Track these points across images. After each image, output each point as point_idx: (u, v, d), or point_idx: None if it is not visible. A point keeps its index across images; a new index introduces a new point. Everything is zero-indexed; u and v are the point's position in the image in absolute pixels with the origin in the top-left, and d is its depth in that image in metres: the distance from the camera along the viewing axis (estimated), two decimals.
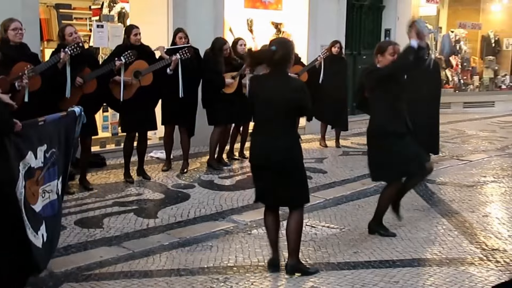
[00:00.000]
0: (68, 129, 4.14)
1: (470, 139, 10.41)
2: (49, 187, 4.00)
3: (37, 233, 3.84)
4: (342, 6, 11.03)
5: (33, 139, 3.80)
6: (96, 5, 9.89)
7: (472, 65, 14.88)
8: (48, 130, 3.94)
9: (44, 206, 3.94)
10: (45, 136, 3.91)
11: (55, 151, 3.99)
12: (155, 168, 7.41)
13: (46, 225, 3.96)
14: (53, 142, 3.98)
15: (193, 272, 4.30)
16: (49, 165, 3.96)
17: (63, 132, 4.11)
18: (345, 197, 6.42)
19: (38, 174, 3.87)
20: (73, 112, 4.16)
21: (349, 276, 4.30)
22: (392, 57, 4.95)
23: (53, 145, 3.97)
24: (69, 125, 4.16)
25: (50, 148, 3.94)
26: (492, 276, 4.35)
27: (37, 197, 3.88)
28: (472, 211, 6.00)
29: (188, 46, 6.84)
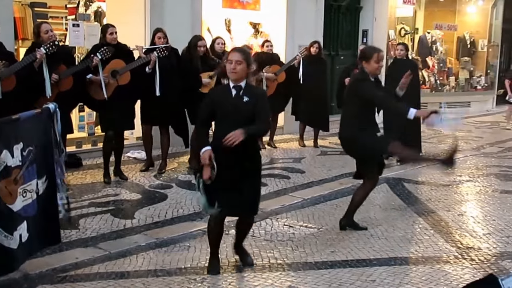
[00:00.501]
0: (45, 126, 4.09)
1: (446, 139, 10.52)
2: (30, 187, 3.94)
3: (12, 234, 3.78)
4: (320, 6, 11.07)
5: (8, 137, 3.74)
6: (72, 4, 9.78)
7: (448, 66, 15.07)
8: (23, 128, 3.88)
9: (26, 206, 3.89)
10: (21, 134, 3.85)
11: (32, 149, 3.93)
12: (132, 168, 7.35)
13: (28, 225, 3.91)
14: (29, 140, 3.92)
15: (170, 273, 4.28)
16: (28, 164, 3.90)
17: (41, 129, 4.05)
18: (323, 197, 6.44)
19: (16, 173, 3.81)
20: (48, 109, 4.10)
21: (327, 275, 4.32)
22: (377, 64, 5.00)
23: (29, 143, 3.91)
24: (45, 122, 4.10)
25: (27, 146, 3.88)
26: (467, 274, 4.40)
27: (15, 197, 3.82)
28: (448, 210, 6.07)
29: (166, 47, 6.81)
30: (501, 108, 15.50)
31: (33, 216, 4.03)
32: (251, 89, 4.18)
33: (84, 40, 8.03)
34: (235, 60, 4.06)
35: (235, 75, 4.09)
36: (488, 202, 6.49)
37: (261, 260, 4.55)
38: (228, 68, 4.11)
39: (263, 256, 4.62)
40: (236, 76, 4.09)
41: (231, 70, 4.08)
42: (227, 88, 4.16)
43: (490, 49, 15.54)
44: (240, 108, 4.07)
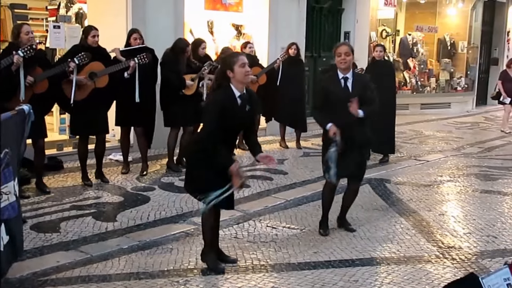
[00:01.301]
0: (18, 128, 4.05)
1: (427, 140, 10.63)
2: (6, 189, 3.90)
3: None
4: (302, 8, 11.10)
5: None
6: (53, 6, 9.69)
7: (429, 67, 15.20)
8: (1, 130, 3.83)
9: (3, 208, 3.84)
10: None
11: (8, 151, 3.89)
12: (114, 170, 7.30)
13: (7, 227, 3.88)
14: (5, 142, 3.87)
15: (153, 275, 4.26)
16: (4, 166, 3.86)
17: (15, 131, 4.02)
18: (306, 198, 6.46)
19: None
20: (22, 110, 4.07)
21: (310, 276, 4.33)
22: (338, 57, 5.00)
23: (6, 145, 3.87)
24: (19, 124, 4.07)
25: (3, 148, 3.84)
26: (448, 273, 4.45)
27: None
28: (429, 210, 6.13)
29: (143, 47, 6.77)
30: (481, 109, 15.72)
31: (15, 217, 3.99)
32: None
33: (65, 42, 7.96)
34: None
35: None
36: (468, 202, 6.56)
37: (244, 261, 4.55)
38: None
39: (246, 257, 4.61)
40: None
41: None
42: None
43: (470, 50, 15.72)
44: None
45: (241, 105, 4.12)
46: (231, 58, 4.15)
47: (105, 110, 6.66)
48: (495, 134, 11.69)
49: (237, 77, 4.05)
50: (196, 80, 7.28)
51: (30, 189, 6.26)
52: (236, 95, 4.09)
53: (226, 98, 4.06)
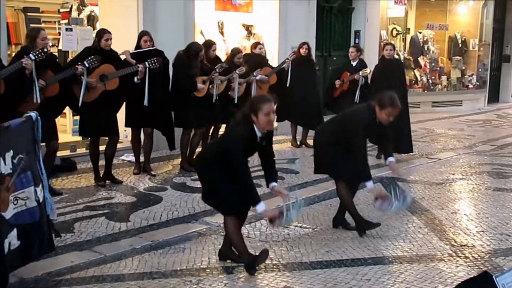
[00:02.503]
0: (29, 134, 4.08)
1: (439, 138, 10.59)
2: (23, 194, 3.93)
3: (3, 241, 3.77)
4: (312, 8, 11.10)
5: (0, 144, 3.74)
6: (65, 8, 9.78)
7: (440, 65, 15.12)
8: (12, 136, 3.89)
9: (17, 214, 3.88)
10: (10, 142, 3.85)
11: (23, 157, 3.93)
12: (127, 171, 7.35)
13: (19, 233, 3.90)
14: (18, 147, 3.92)
15: (166, 275, 4.29)
16: (19, 171, 3.90)
17: (28, 137, 4.05)
18: (317, 197, 6.47)
19: (8, 181, 3.82)
20: (30, 117, 4.10)
21: (322, 275, 4.34)
22: (386, 117, 5.06)
23: (19, 151, 3.91)
24: (29, 130, 4.10)
25: (17, 154, 3.88)
26: (462, 272, 4.44)
27: (7, 204, 3.82)
28: (441, 208, 6.11)
29: (153, 50, 6.81)
30: (493, 107, 15.60)
31: (31, 224, 4.01)
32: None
33: (77, 44, 8.03)
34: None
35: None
36: (481, 200, 6.54)
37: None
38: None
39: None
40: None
41: None
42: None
43: (481, 48, 15.62)
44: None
45: (260, 142, 4.34)
46: (258, 103, 4.22)
47: (115, 112, 6.69)
48: (507, 131, 11.61)
49: (260, 124, 4.22)
50: (208, 82, 7.32)
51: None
52: (258, 136, 4.28)
53: (248, 138, 4.25)
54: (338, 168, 5.20)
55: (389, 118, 5.05)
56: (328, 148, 5.24)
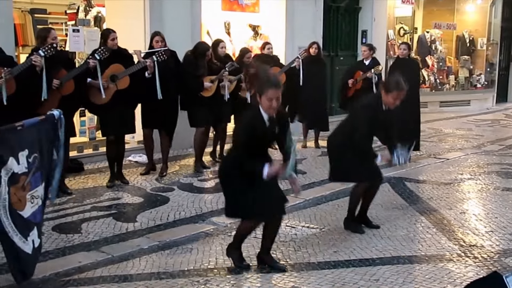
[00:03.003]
0: (49, 133, 4.10)
1: (447, 138, 10.53)
2: (36, 193, 3.98)
3: (27, 239, 3.83)
4: (319, 8, 11.08)
5: (13, 144, 3.77)
6: (72, 10, 9.79)
7: (447, 64, 15.06)
8: (27, 135, 3.91)
9: (34, 212, 3.94)
10: (25, 141, 3.88)
11: (37, 156, 3.95)
12: (134, 172, 7.36)
13: (38, 230, 3.97)
14: (34, 146, 3.94)
15: (173, 275, 4.28)
16: (34, 170, 3.92)
17: (44, 136, 4.06)
18: (325, 197, 6.45)
19: (24, 180, 3.85)
20: (52, 116, 4.12)
21: (330, 275, 4.32)
22: (393, 100, 5.01)
23: (34, 150, 3.93)
24: (49, 129, 4.11)
25: (32, 153, 3.91)
26: (471, 272, 4.40)
27: (25, 203, 3.86)
28: (450, 208, 6.07)
29: (166, 50, 6.82)
30: (501, 106, 15.52)
31: (40, 221, 4.06)
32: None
33: (84, 45, 8.05)
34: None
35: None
36: (490, 200, 6.49)
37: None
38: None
39: None
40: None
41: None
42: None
43: (490, 47, 15.54)
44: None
45: (270, 127, 4.20)
46: (264, 85, 4.11)
47: (131, 110, 6.76)
48: None
49: (263, 106, 4.14)
50: (216, 81, 7.31)
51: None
52: (265, 118, 4.17)
53: (256, 122, 4.16)
54: (358, 171, 5.11)
55: (395, 101, 5.02)
56: (344, 152, 5.14)
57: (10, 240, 3.75)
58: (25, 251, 3.79)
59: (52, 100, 5.67)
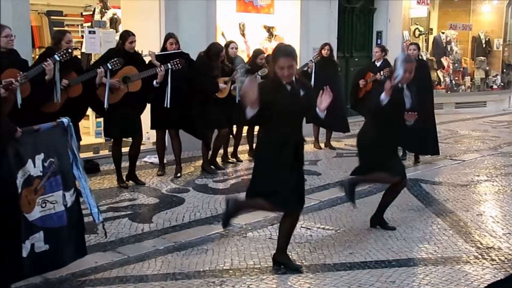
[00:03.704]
0: (62, 140, 4.12)
1: (463, 139, 10.45)
2: (52, 198, 3.98)
3: (24, 242, 3.80)
4: (333, 9, 11.06)
5: (31, 146, 3.81)
6: (88, 12, 9.88)
7: (463, 65, 14.94)
8: (43, 139, 3.95)
9: (44, 217, 3.94)
10: (41, 145, 3.91)
11: (54, 160, 3.98)
12: (149, 173, 7.39)
13: (46, 236, 3.94)
14: (50, 151, 3.97)
15: (189, 276, 4.29)
16: (49, 175, 3.95)
17: (59, 142, 4.09)
18: (340, 199, 6.40)
19: (37, 183, 3.88)
20: (62, 123, 4.14)
21: (345, 277, 4.30)
22: (409, 74, 5.03)
23: (50, 155, 3.96)
24: (61, 136, 4.14)
25: (48, 158, 3.93)
26: (488, 274, 4.36)
27: (33, 206, 3.87)
28: (466, 210, 6.02)
29: (179, 52, 6.83)
30: None
31: (58, 228, 4.05)
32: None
33: (100, 46, 8.11)
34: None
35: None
36: (507, 202, 6.42)
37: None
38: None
39: None
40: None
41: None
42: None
43: (506, 48, 15.39)
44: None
45: (292, 91, 4.11)
46: (277, 54, 4.11)
47: (138, 114, 6.74)
48: None
49: (277, 73, 4.09)
50: (229, 83, 7.33)
51: None
52: (283, 82, 4.09)
53: (271, 86, 4.09)
54: (389, 166, 5.12)
55: (410, 75, 5.03)
56: (374, 148, 5.11)
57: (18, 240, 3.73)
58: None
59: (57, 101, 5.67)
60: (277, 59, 4.08)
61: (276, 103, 4.00)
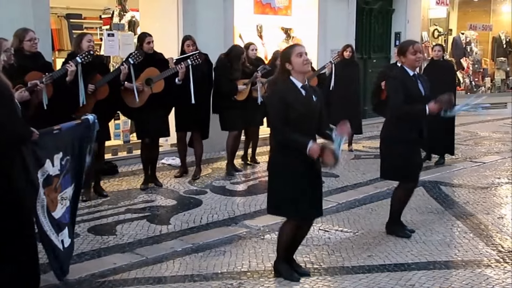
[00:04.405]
0: (82, 137, 4.17)
1: (483, 141, 10.33)
2: (65, 194, 4.06)
3: (59, 238, 3.91)
4: (351, 10, 11.01)
5: (50, 147, 3.86)
6: (107, 14, 9.97)
7: (483, 66, 14.79)
8: (63, 138, 4.00)
9: (64, 213, 4.02)
10: (61, 144, 3.96)
11: (69, 158, 4.04)
12: (167, 174, 7.42)
13: (69, 230, 4.06)
14: (67, 149, 4.03)
15: (207, 278, 4.29)
16: (65, 173, 4.00)
17: (77, 139, 4.14)
18: (358, 201, 6.38)
19: (56, 182, 3.93)
20: (87, 120, 4.19)
21: (364, 280, 4.27)
22: (413, 56, 4.91)
23: (67, 153, 4.02)
24: (83, 133, 4.18)
25: (65, 156, 3.99)
26: (510, 278, 4.29)
27: (56, 204, 3.95)
28: (487, 213, 5.94)
29: (197, 53, 6.85)
30: None
31: (69, 222, 4.13)
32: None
33: (118, 49, 8.17)
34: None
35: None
36: None
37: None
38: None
39: (299, 260, 4.57)
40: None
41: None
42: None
43: None
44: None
45: (307, 95, 4.02)
46: (288, 49, 4.08)
47: (165, 114, 6.82)
48: None
49: (296, 68, 3.98)
50: (249, 84, 7.32)
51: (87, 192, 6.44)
52: (298, 86, 4.01)
53: (287, 90, 3.99)
54: (408, 168, 5.04)
55: (417, 56, 4.89)
56: (392, 147, 5.03)
57: (48, 239, 3.86)
58: (60, 249, 3.87)
59: (88, 105, 5.79)
60: (292, 51, 4.00)
61: (294, 108, 3.93)
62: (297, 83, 4.01)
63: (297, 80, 4.01)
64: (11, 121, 3.39)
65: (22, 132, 3.51)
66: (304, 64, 3.96)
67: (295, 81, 4.01)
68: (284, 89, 4.00)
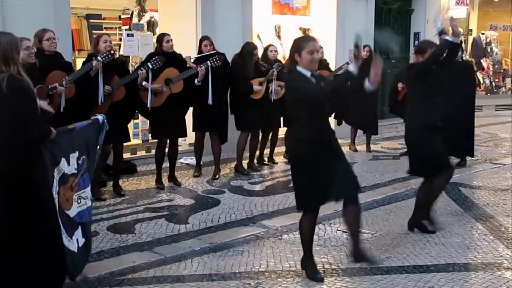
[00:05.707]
0: (94, 137, 4.22)
1: (503, 142, 10.21)
2: (84, 194, 4.09)
3: (71, 238, 3.93)
4: (370, 10, 10.96)
5: (66, 145, 3.89)
6: (126, 15, 10.05)
7: (504, 67, 14.61)
8: (78, 137, 4.03)
9: (80, 212, 4.04)
10: (76, 143, 3.99)
11: (85, 158, 4.07)
12: (185, 174, 7.46)
13: (83, 230, 4.07)
14: (83, 149, 4.06)
15: (225, 277, 4.31)
16: (83, 172, 4.04)
17: (91, 139, 4.19)
18: (376, 202, 6.35)
19: (72, 181, 3.95)
20: (97, 120, 4.22)
21: (383, 281, 4.25)
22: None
23: (83, 152, 4.06)
24: (94, 133, 4.23)
25: (81, 155, 4.02)
26: None
27: (71, 203, 3.97)
28: (507, 215, 5.88)
29: (215, 53, 6.88)
30: None
31: (88, 222, 4.16)
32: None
33: (138, 49, 8.23)
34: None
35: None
36: None
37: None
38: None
39: (317, 261, 4.57)
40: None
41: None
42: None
43: None
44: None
45: (317, 82, 4.05)
46: (301, 42, 4.06)
47: (183, 114, 6.84)
48: None
49: (303, 63, 4.00)
50: (265, 83, 7.32)
51: (106, 191, 6.50)
52: (307, 76, 4.02)
53: (298, 81, 4.02)
54: (441, 160, 5.09)
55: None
56: (418, 141, 5.08)
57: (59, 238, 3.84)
58: (71, 250, 3.88)
59: (103, 105, 5.83)
60: (305, 45, 3.99)
61: (308, 97, 3.96)
62: (305, 72, 4.02)
63: (305, 70, 4.03)
64: (32, 119, 3.45)
65: (42, 130, 3.57)
66: (311, 63, 3.99)
67: (303, 71, 4.02)
68: (296, 80, 4.05)
